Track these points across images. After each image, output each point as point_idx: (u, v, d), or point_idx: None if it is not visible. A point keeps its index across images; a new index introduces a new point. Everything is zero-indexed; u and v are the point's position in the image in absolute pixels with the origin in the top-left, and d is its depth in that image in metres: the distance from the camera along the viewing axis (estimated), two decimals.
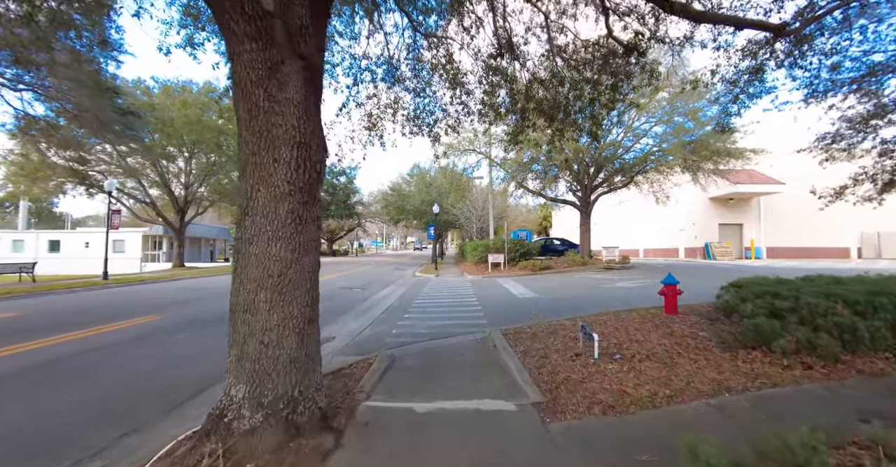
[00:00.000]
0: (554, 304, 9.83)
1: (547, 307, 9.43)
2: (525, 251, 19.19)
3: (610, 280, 14.93)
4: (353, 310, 10.11)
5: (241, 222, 2.99)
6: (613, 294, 11.29)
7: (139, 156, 20.42)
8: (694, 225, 29.58)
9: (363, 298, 12.23)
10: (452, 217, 32.90)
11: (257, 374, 2.85)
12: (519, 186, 20.29)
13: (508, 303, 10.36)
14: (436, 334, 7.06)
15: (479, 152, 19.81)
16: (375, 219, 61.08)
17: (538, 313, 8.65)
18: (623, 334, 5.52)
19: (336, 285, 15.86)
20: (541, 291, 12.42)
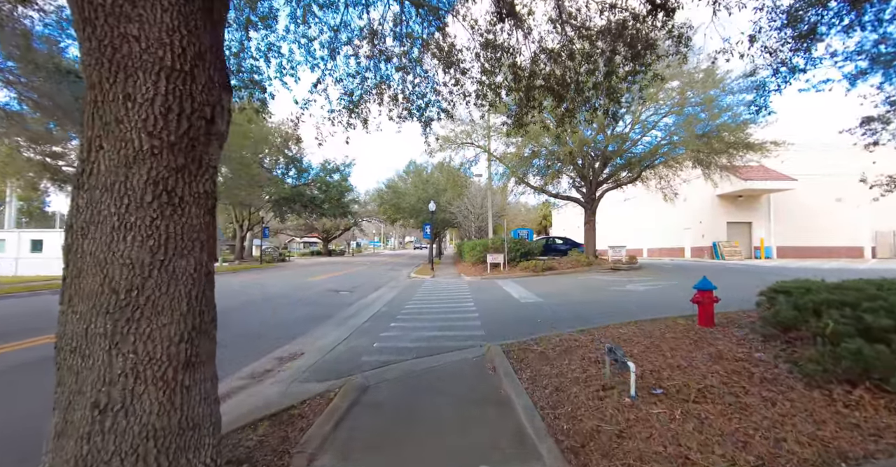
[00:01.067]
0: (561, 311, 8.66)
1: (554, 314, 8.26)
2: (526, 251, 18.03)
3: (619, 282, 13.77)
4: (335, 317, 8.93)
5: (73, 201, 1.81)
6: (626, 298, 10.12)
7: None
8: (701, 223, 28.46)
9: (349, 303, 11.06)
10: (450, 215, 31.70)
11: (87, 461, 1.66)
12: (520, 182, 19.12)
13: (509, 309, 9.19)
14: (424, 349, 5.89)
15: (478, 146, 18.65)
16: (372, 218, 59.89)
17: (545, 322, 7.49)
18: (657, 356, 4.35)
19: (323, 288, 14.67)
20: (545, 295, 11.25)
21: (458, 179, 22.95)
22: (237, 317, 8.75)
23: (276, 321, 8.44)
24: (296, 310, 9.73)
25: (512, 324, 7.49)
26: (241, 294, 12.72)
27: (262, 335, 7.16)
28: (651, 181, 20.71)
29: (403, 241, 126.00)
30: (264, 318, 8.71)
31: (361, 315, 9.18)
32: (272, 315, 9.12)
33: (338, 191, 35.26)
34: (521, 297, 10.98)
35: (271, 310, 9.68)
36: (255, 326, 7.87)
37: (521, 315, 8.45)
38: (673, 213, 30.87)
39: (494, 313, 8.77)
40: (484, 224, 29.10)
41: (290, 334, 7.22)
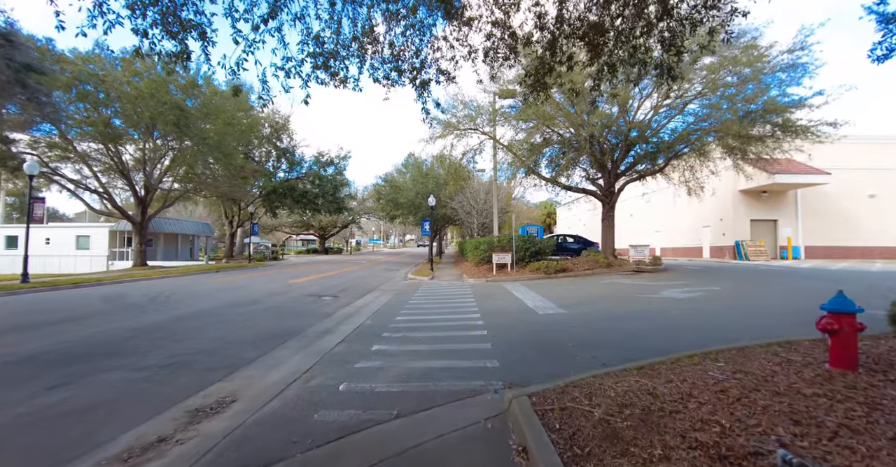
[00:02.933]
0: (596, 329, 6.70)
1: (588, 334, 6.30)
2: (537, 250, 16.06)
3: (649, 287, 11.81)
4: (303, 334, 6.99)
5: None
6: (670, 310, 8.16)
7: (47, 122, 16.81)
8: (721, 221, 26.46)
9: (328, 313, 9.11)
10: (451, 211, 29.71)
11: None
12: (530, 172, 17.12)
13: (526, 325, 7.23)
14: (411, 397, 3.96)
15: (482, 132, 16.65)
16: (370, 215, 57.94)
17: (580, 347, 5.53)
18: (835, 446, 2.38)
19: (304, 291, 12.74)
20: (566, 304, 9.29)
21: (459, 171, 20.94)
22: (180, 333, 6.80)
23: (229, 339, 6.50)
24: (259, 323, 7.79)
25: (534, 351, 5.54)
26: (204, 299, 10.78)
27: (195, 363, 5.22)
28: (674, 173, 18.72)
29: (404, 239, 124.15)
30: (215, 334, 6.77)
31: (338, 331, 7.22)
32: (227, 330, 7.18)
33: (332, 185, 33.27)
34: (537, 307, 9.01)
35: (228, 323, 7.74)
36: (195, 347, 5.93)
37: (545, 334, 6.49)
38: (689, 210, 28.90)
39: (508, 330, 6.81)
40: (488, 220, 27.09)
41: (233, 362, 5.28)
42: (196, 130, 18.96)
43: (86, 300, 10.62)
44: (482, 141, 17.11)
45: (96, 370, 4.84)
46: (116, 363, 5.14)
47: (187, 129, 18.66)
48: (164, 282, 15.50)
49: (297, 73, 5.41)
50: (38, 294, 12.18)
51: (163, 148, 21.28)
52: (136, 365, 5.05)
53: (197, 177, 23.44)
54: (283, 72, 5.32)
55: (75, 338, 6.44)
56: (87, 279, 15.33)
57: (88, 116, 18.07)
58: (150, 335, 6.66)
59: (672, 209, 32.06)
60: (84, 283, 14.41)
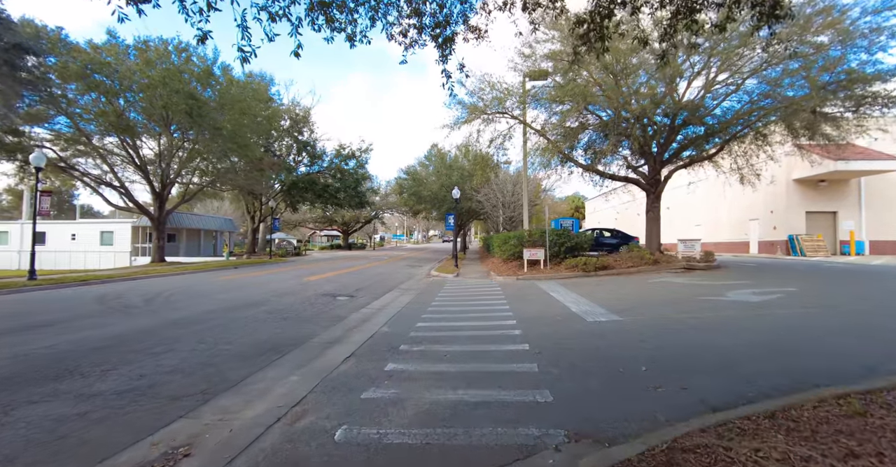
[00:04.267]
0: (667, 343, 5.29)
1: (660, 352, 4.90)
2: (573, 245, 14.54)
3: (710, 288, 10.23)
4: (307, 345, 5.84)
5: None
6: (749, 318, 6.66)
7: (43, 106, 16.14)
8: (772, 213, 24.23)
9: (340, 317, 7.97)
10: (476, 204, 28.29)
11: None
12: (565, 159, 15.57)
13: (577, 337, 5.87)
14: (432, 457, 2.70)
15: (512, 116, 15.20)
16: (393, 210, 57.09)
17: (656, 370, 4.15)
18: None
19: (318, 291, 11.68)
20: (617, 308, 7.87)
21: (486, 160, 19.52)
22: (163, 343, 5.75)
23: (217, 351, 5.40)
24: (259, 330, 6.69)
25: (597, 376, 4.20)
26: (205, 301, 9.82)
27: (163, 386, 4.12)
28: (725, 160, 16.85)
29: (427, 235, 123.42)
30: (203, 345, 5.69)
31: (349, 341, 6.04)
32: (219, 339, 6.09)
33: (354, 179, 32.31)
34: (583, 312, 7.62)
35: (223, 330, 6.67)
36: (172, 363, 4.84)
37: (604, 351, 5.13)
38: (734, 202, 26.71)
39: (554, 344, 5.48)
40: (515, 214, 25.62)
41: (212, 385, 4.16)
42: (210, 120, 18.19)
43: (78, 300, 9.80)
44: (511, 126, 15.65)
45: (22, 401, 3.76)
46: (61, 388, 4.07)
47: (200, 119, 17.91)
48: (174, 280, 14.75)
49: (285, 15, 4.17)
50: (36, 292, 11.51)
51: (179, 140, 20.65)
52: (84, 392, 3.96)
53: (216, 170, 22.78)
54: (266, 13, 4.08)
55: (27, 351, 5.44)
56: (97, 276, 14.73)
57: (100, 107, 17.51)
58: (125, 346, 5.62)
59: (714, 201, 29.80)
60: (94, 280, 13.78)
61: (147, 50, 17.68)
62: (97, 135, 19.70)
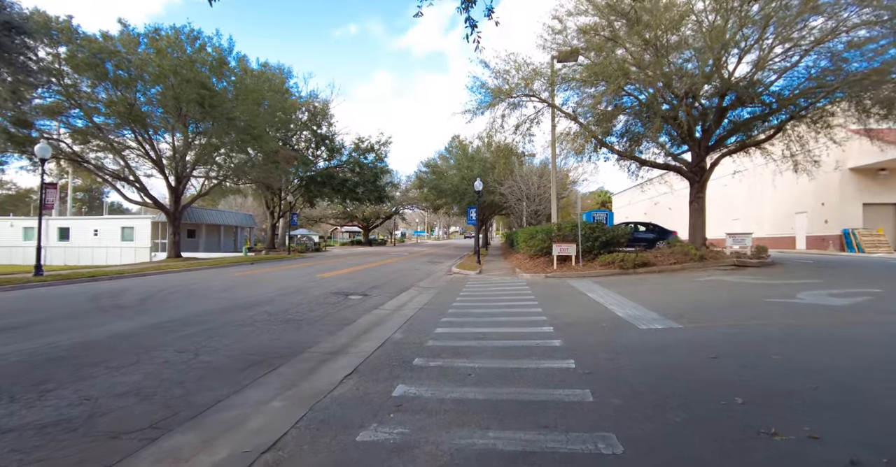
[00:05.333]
0: (753, 361, 4.09)
1: (750, 373, 3.70)
2: (608, 239, 13.23)
3: (773, 288, 8.88)
4: (303, 356, 4.89)
5: None
6: (845, 324, 5.39)
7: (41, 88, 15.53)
8: (823, 205, 22.26)
9: (349, 320, 7.02)
10: (499, 197, 27.05)
11: None
12: (599, 146, 14.21)
13: (633, 352, 4.72)
14: None
15: (540, 99, 13.95)
16: (414, 206, 56.28)
17: (756, 404, 2.95)
18: None
19: (329, 288, 10.79)
20: (672, 312, 6.66)
21: (509, 151, 18.29)
22: (134, 351, 4.90)
23: (195, 363, 4.50)
24: (251, 336, 5.78)
25: (677, 411, 3.07)
26: (206, 299, 9.04)
27: (106, 416, 3.21)
28: (776, 146, 15.20)
29: (448, 231, 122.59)
30: (180, 355, 4.80)
31: (353, 352, 5.06)
32: (203, 346, 5.20)
33: (373, 173, 31.48)
34: (632, 318, 6.45)
35: (212, 335, 5.78)
36: (133, 381, 3.95)
37: (674, 372, 3.98)
38: (778, 194, 24.76)
39: (607, 360, 4.36)
40: (541, 207, 24.29)
41: (170, 415, 3.24)
42: (222, 111, 17.55)
43: (72, 299, 9.14)
44: (539, 110, 14.38)
45: None
46: None
47: (213, 110, 17.29)
48: (183, 276, 14.14)
49: None
50: (37, 289, 10.99)
51: (193, 133, 20.09)
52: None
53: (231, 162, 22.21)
54: None
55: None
56: (107, 272, 14.25)
57: (109, 97, 17.08)
58: (87, 356, 4.77)
59: (755, 193, 27.83)
60: (102, 276, 13.27)
61: (159, 39, 17.14)
62: (111, 129, 19.34)
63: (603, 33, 12.53)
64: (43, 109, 17.11)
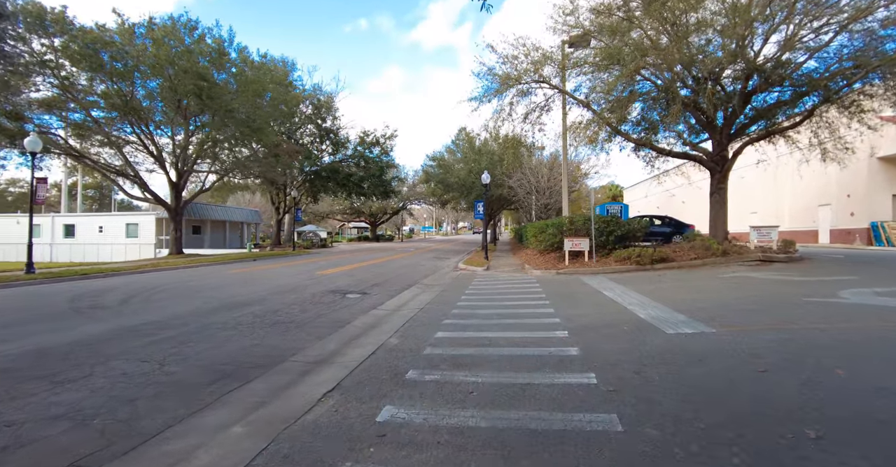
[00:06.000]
0: (813, 376, 3.37)
1: (811, 393, 2.99)
2: (623, 233, 12.47)
3: (809, 286, 8.11)
4: (281, 367, 4.30)
5: None
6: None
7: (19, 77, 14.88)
8: (849, 197, 21.20)
9: (342, 321, 6.42)
10: (507, 191, 26.26)
11: None
12: (614, 134, 13.37)
13: (661, 360, 4.03)
14: None
15: (551, 85, 13.17)
16: (421, 201, 55.65)
17: (833, 436, 2.27)
18: None
19: (327, 286, 10.22)
20: (699, 314, 5.95)
21: (517, 142, 17.53)
22: (94, 361, 4.34)
23: (148, 378, 3.92)
24: (229, 341, 5.21)
25: (736, 451, 2.39)
26: (193, 299, 8.50)
27: (16, 448, 2.62)
28: (801, 134, 14.26)
29: (457, 227, 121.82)
30: (135, 369, 4.23)
31: (339, 362, 4.45)
32: (171, 354, 4.63)
33: (378, 166, 30.83)
34: (656, 319, 5.76)
35: (185, 341, 5.22)
36: (71, 401, 3.37)
37: (715, 391, 3.30)
38: (799, 186, 23.73)
39: (635, 374, 3.70)
40: (552, 201, 23.50)
41: (96, 450, 2.64)
42: (221, 103, 17.00)
43: (51, 298, 8.65)
44: (550, 96, 13.60)
45: None
46: None
47: (211, 101, 16.74)
48: (179, 274, 13.69)
49: None
50: (25, 288, 10.58)
51: (193, 126, 19.53)
52: None
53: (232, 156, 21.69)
54: None
55: None
56: (102, 269, 13.84)
57: (103, 88, 16.62)
58: (34, 369, 4.20)
59: (773, 185, 26.78)
60: (96, 274, 12.85)
61: (154, 29, 16.57)
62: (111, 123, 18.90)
63: (618, 13, 11.71)
64: (39, 103, 16.72)
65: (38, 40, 15.02)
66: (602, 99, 12.93)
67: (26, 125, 15.96)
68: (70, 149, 18.00)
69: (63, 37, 15.11)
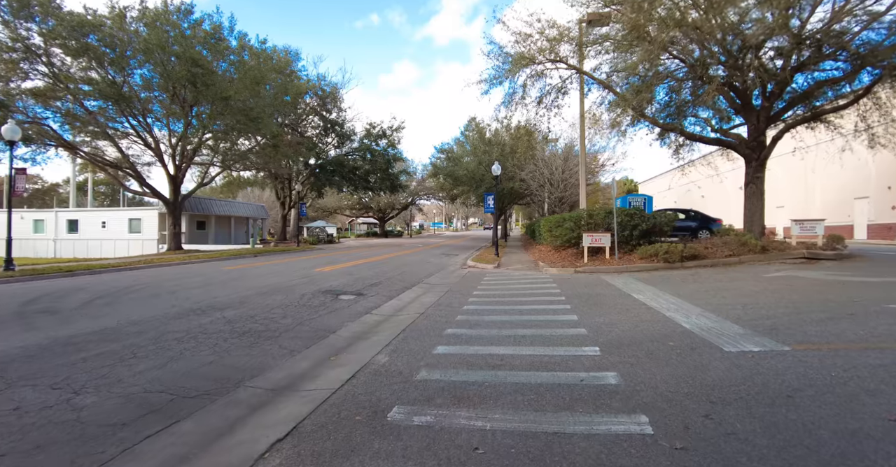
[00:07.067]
0: None
1: None
2: (647, 228, 11.29)
3: (880, 289, 6.93)
4: (227, 401, 3.31)
5: None
6: None
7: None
8: (890, 189, 19.66)
9: (327, 329, 5.44)
10: (519, 184, 25.04)
11: None
12: (638, 118, 12.11)
13: (732, 395, 2.95)
14: None
15: (567, 64, 11.98)
16: (430, 196, 54.58)
17: None
18: None
19: (322, 286, 9.25)
20: (758, 323, 4.84)
21: (530, 133, 16.40)
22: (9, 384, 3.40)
23: (45, 415, 2.95)
24: (182, 357, 4.25)
25: None
26: (165, 301, 7.59)
27: None
28: (847, 117, 12.89)
29: (467, 223, 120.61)
30: (36, 399, 3.28)
31: (305, 391, 3.46)
32: (95, 377, 3.69)
33: (385, 159, 29.79)
34: (702, 330, 4.67)
35: (130, 357, 4.27)
36: None
37: (829, 451, 2.20)
38: (832, 178, 22.21)
39: (704, 417, 2.62)
40: (567, 194, 22.27)
41: None
42: (216, 90, 16.10)
43: (5, 300, 7.77)
44: (566, 78, 12.43)
45: None
46: None
47: (206, 89, 15.85)
48: (168, 271, 12.86)
49: None
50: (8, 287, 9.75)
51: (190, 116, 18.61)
52: None
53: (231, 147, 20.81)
54: None
55: None
56: (90, 266, 13.08)
57: (88, 74, 15.82)
58: None
59: (803, 178, 25.21)
60: (83, 271, 12.07)
61: (145, 12, 15.72)
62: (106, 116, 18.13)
63: None
64: (31, 93, 16.01)
65: (24, 25, 14.26)
66: (624, 80, 11.72)
67: (16, 115, 15.25)
68: (62, 141, 17.29)
69: (50, 22, 14.30)
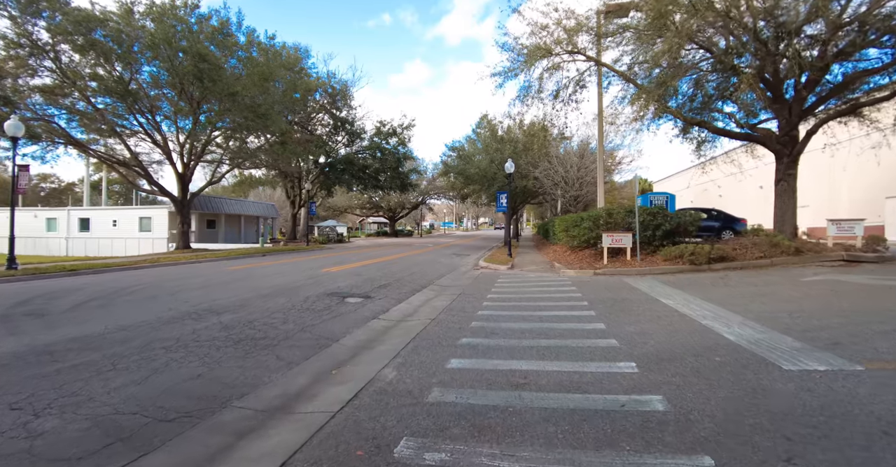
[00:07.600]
0: None
1: None
2: (672, 228, 10.66)
3: None
4: (202, 427, 2.85)
5: None
6: None
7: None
8: None
9: (330, 337, 4.99)
10: (532, 182, 24.40)
11: None
12: (662, 111, 11.42)
13: (809, 427, 2.41)
14: None
15: (586, 56, 11.38)
16: (441, 195, 54.12)
17: None
18: None
19: (328, 288, 8.82)
20: (817, 336, 4.27)
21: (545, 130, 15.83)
22: None
23: (7, 442, 2.52)
24: (166, 369, 3.83)
25: None
26: (161, 303, 7.22)
27: None
28: (884, 110, 12.09)
29: (477, 223, 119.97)
30: (10, 415, 2.86)
31: (299, 414, 2.99)
32: (60, 395, 3.27)
33: (395, 158, 29.37)
34: (751, 342, 4.12)
35: (106, 366, 3.86)
36: None
37: None
38: (859, 177, 21.24)
39: (783, 457, 2.09)
40: (582, 192, 21.64)
41: None
42: (223, 86, 15.80)
43: (1, 300, 7.47)
44: (583, 71, 11.85)
45: None
46: None
47: (213, 85, 15.57)
48: (173, 270, 12.56)
49: None
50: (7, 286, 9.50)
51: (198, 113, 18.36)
52: None
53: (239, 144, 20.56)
54: None
55: None
56: (94, 265, 12.85)
57: (94, 69, 15.63)
58: None
59: (827, 176, 24.23)
60: (86, 270, 11.83)
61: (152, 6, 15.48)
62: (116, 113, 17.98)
63: None
64: (39, 90, 15.89)
65: (31, 21, 14.11)
66: (647, 72, 11.10)
67: (25, 112, 15.13)
68: (70, 139, 17.16)
69: (58, 18, 14.12)
